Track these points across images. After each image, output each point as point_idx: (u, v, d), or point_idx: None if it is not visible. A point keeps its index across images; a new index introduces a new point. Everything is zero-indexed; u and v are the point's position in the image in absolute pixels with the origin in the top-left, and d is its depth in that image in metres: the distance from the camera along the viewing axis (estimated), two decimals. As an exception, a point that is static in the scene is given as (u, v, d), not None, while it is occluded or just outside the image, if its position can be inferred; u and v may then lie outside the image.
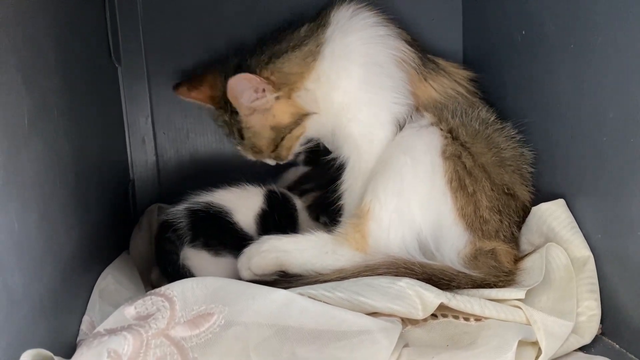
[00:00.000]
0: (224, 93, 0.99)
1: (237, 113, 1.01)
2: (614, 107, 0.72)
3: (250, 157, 1.08)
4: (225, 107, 1.03)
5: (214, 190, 1.00)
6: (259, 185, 1.04)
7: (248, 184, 1.03)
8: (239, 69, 0.99)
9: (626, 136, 0.70)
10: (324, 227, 1.01)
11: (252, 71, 0.97)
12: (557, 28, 0.85)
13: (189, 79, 1.10)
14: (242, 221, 0.99)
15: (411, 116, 0.96)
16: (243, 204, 1.00)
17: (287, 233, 0.96)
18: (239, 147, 1.08)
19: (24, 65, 0.65)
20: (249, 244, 0.92)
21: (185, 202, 0.98)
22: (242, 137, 1.05)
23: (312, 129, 1.03)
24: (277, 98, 0.98)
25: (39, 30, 0.72)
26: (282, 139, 1.02)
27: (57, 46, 0.77)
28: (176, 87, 1.10)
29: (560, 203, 0.85)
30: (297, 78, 0.98)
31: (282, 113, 1.00)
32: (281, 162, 1.10)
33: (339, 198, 1.00)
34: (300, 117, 1.00)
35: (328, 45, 0.98)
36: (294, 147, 1.06)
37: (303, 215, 1.07)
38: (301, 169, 1.17)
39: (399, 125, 0.96)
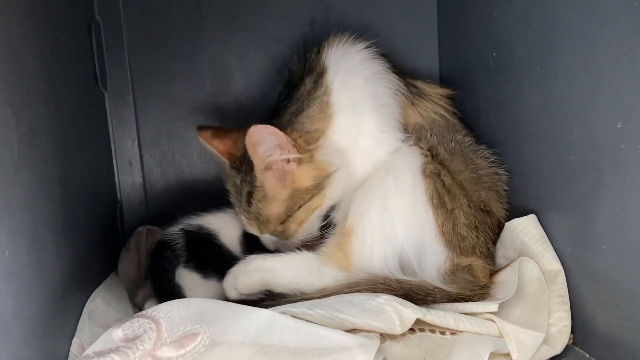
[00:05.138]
0: (244, 154, 0.96)
1: (251, 174, 0.96)
2: (577, 127, 0.76)
3: (254, 229, 1.00)
4: (240, 168, 0.99)
5: (202, 215, 1.03)
6: None
7: (229, 209, 1.05)
8: None
9: (589, 155, 0.74)
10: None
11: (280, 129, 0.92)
12: (524, 51, 0.88)
13: (217, 127, 1.07)
14: (228, 243, 1.02)
15: None
16: (228, 227, 1.03)
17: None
18: (243, 217, 1.00)
19: (13, 98, 0.66)
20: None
21: (180, 223, 1.01)
22: (249, 203, 0.97)
23: (332, 196, 0.97)
24: (300, 162, 0.94)
25: (27, 61, 0.74)
26: (299, 208, 0.96)
27: (45, 76, 0.80)
28: (201, 128, 1.06)
29: (531, 219, 0.87)
30: (320, 134, 0.96)
31: (303, 176, 0.95)
32: (281, 245, 1.01)
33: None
34: (324, 180, 0.95)
35: (338, 93, 0.97)
36: (305, 223, 0.98)
37: None
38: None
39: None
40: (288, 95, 1.01)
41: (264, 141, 0.91)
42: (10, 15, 0.69)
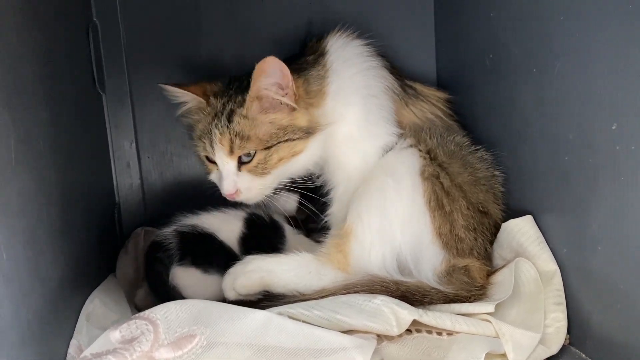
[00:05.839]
0: (229, 82, 1.01)
1: (241, 94, 0.96)
2: (573, 128, 0.76)
3: (223, 148, 0.96)
4: (226, 92, 1.00)
5: (199, 214, 1.03)
6: (241, 209, 1.06)
7: (229, 208, 1.05)
8: None
9: (584, 156, 0.74)
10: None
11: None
12: (521, 52, 0.89)
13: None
14: (226, 241, 1.02)
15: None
16: (225, 227, 1.03)
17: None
18: (216, 131, 0.96)
19: (10, 100, 0.67)
20: (235, 263, 0.95)
21: (174, 224, 1.01)
22: (230, 119, 0.96)
23: (313, 150, 0.98)
24: (294, 110, 0.96)
25: (25, 63, 0.74)
26: (286, 141, 0.96)
27: (42, 79, 0.80)
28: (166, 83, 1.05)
29: (528, 219, 0.88)
30: (316, 95, 0.98)
31: (299, 117, 0.96)
32: (242, 189, 0.98)
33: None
34: (315, 128, 0.97)
35: (332, 78, 1.00)
36: (282, 164, 0.97)
37: (295, 241, 1.07)
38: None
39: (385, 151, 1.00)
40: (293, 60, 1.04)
41: (273, 75, 0.92)
42: (8, 17, 0.69)
